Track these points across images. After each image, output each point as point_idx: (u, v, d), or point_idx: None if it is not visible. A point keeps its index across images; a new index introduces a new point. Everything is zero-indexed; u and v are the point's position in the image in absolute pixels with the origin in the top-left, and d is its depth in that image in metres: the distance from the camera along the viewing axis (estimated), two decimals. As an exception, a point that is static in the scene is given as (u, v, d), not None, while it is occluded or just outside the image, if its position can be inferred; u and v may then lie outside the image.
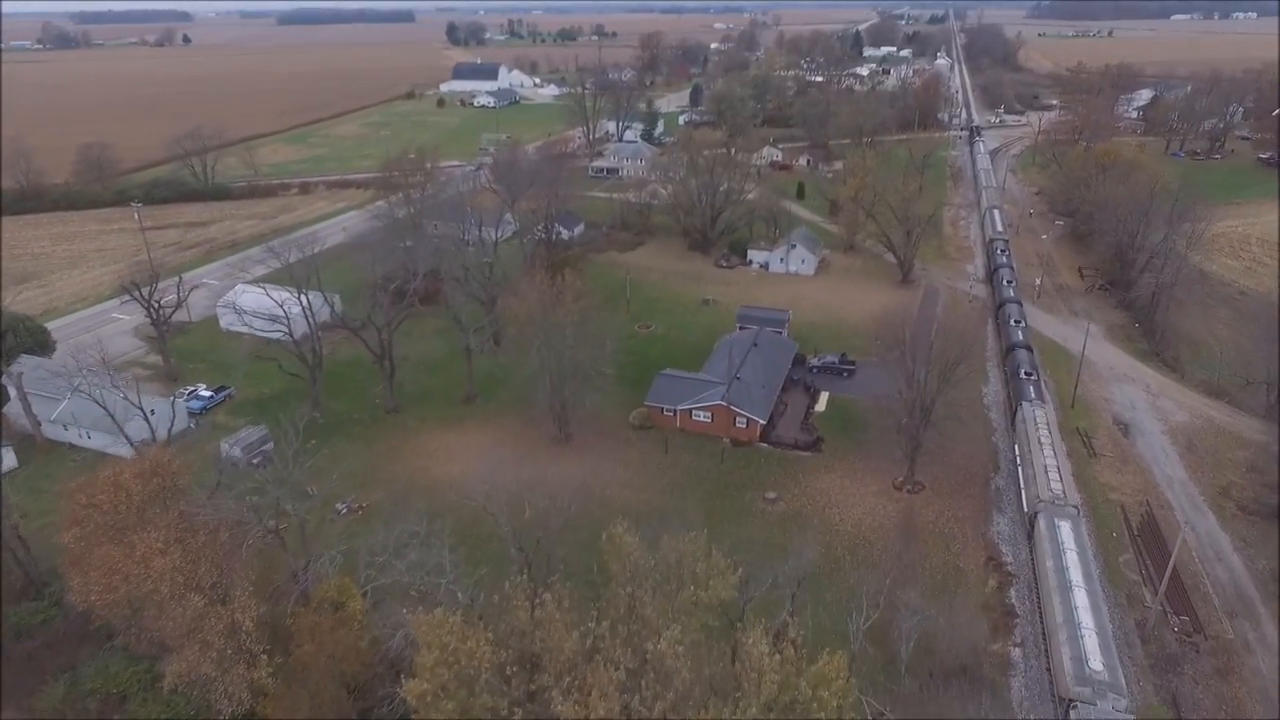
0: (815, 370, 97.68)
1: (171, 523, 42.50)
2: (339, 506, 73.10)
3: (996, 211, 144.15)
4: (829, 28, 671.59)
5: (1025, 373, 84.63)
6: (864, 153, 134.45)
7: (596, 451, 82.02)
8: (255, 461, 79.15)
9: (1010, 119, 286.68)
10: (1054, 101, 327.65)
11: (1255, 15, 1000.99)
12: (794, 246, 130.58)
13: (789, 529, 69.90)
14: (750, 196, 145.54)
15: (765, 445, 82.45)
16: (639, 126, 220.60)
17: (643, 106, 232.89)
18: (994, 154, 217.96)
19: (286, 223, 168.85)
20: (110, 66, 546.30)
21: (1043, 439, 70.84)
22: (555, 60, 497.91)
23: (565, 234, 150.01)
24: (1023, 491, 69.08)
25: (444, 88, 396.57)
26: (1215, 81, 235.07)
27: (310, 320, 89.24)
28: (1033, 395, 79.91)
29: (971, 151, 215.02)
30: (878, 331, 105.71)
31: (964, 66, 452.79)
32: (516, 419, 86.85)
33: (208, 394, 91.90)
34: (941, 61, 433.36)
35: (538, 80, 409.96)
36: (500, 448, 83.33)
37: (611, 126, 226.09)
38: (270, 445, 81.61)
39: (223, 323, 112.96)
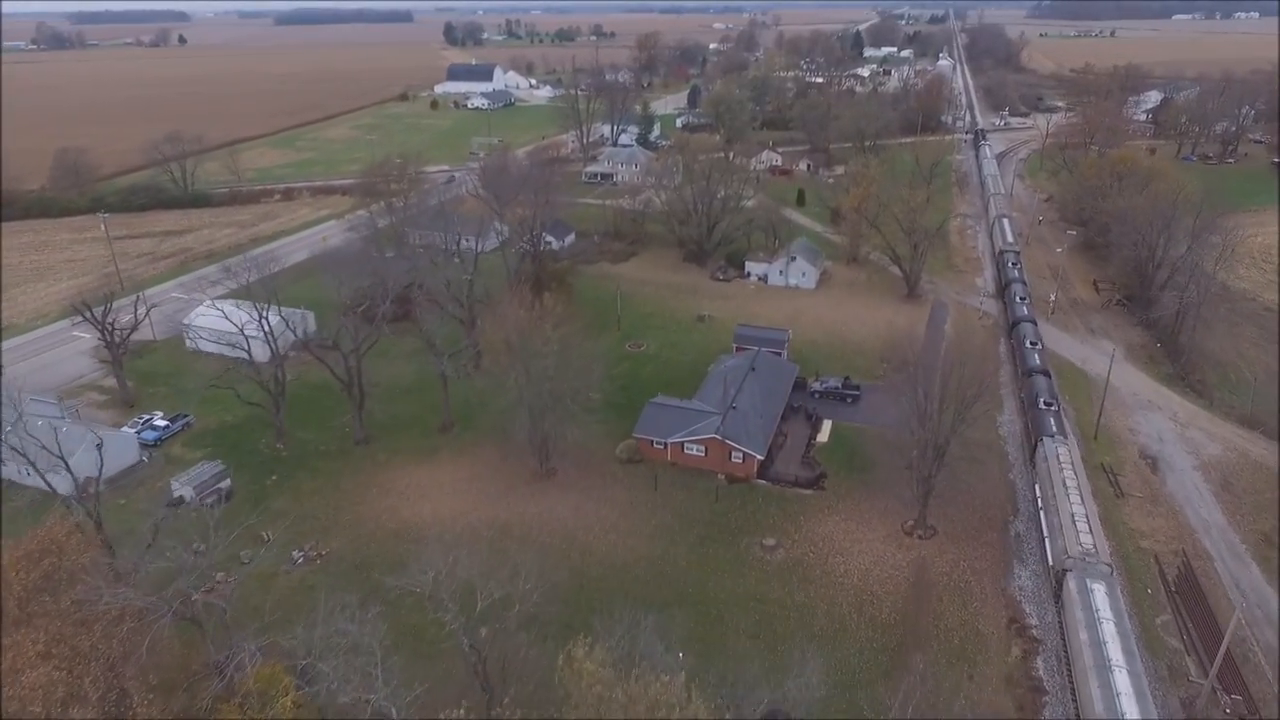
0: (817, 395, 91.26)
1: (64, 612, 36.02)
2: (295, 554, 66.60)
3: (1006, 221, 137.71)
4: (829, 28, 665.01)
5: (1045, 402, 78.20)
6: (867, 160, 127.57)
7: (580, 488, 75.58)
8: (209, 502, 72.65)
9: (1015, 121, 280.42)
10: (1059, 103, 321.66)
11: (1257, 15, 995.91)
12: (794, 259, 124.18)
13: (789, 581, 63.50)
14: (749, 204, 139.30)
15: (763, 482, 76.02)
16: (634, 130, 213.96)
17: (638, 109, 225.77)
18: (1000, 158, 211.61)
19: (266, 231, 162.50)
20: (103, 67, 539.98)
21: (1067, 481, 64.41)
22: (552, 61, 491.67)
23: (555, 244, 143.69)
24: (1047, 542, 62.65)
25: (438, 89, 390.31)
26: (1227, 83, 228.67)
27: (272, 344, 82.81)
28: (1054, 429, 73.49)
29: (977, 156, 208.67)
30: (884, 354, 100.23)
31: (966, 67, 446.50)
32: (495, 451, 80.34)
33: (163, 423, 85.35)
34: (944, 62, 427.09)
35: (534, 81, 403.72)
36: (476, 484, 76.93)
37: (607, 130, 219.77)
38: (227, 483, 75.25)
39: (189, 342, 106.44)
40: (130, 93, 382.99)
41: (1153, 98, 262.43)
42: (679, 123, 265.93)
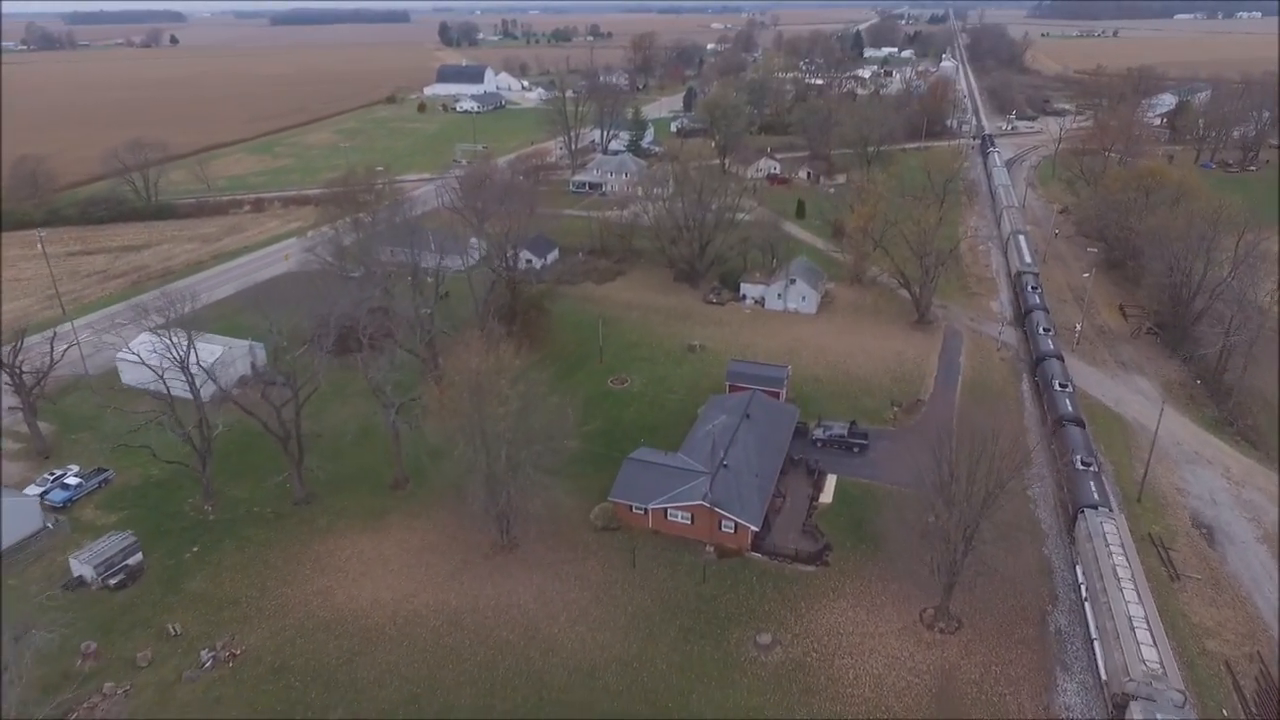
0: (819, 444, 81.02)
1: None
2: (204, 655, 56.28)
3: (1022, 238, 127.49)
4: (828, 28, 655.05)
5: (1082, 461, 68.02)
6: (872, 174, 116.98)
7: (546, 564, 65.31)
8: (113, 582, 62.51)
9: (1022, 125, 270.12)
10: (1067, 106, 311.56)
11: (1259, 15, 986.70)
12: (793, 281, 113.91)
13: (788, 691, 53.31)
14: (746, 217, 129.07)
15: (758, 555, 65.81)
16: (625, 135, 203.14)
17: (629, 113, 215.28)
18: (1009, 165, 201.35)
19: (230, 247, 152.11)
20: (89, 68, 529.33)
21: (1118, 568, 54.26)
22: (546, 62, 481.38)
23: (535, 262, 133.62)
24: (1098, 649, 52.46)
25: (428, 91, 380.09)
26: (1245, 85, 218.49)
27: (193, 389, 72.22)
28: (1095, 496, 63.32)
29: (986, 164, 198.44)
30: (894, 395, 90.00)
31: (969, 69, 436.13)
32: (452, 514, 69.87)
33: (76, 481, 75.00)
34: (947, 64, 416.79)
35: (526, 83, 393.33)
36: (427, 557, 66.67)
37: (598, 136, 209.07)
38: (137, 558, 64.94)
39: (125, 377, 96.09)
40: (111, 95, 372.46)
41: (1166, 101, 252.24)
42: (674, 127, 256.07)
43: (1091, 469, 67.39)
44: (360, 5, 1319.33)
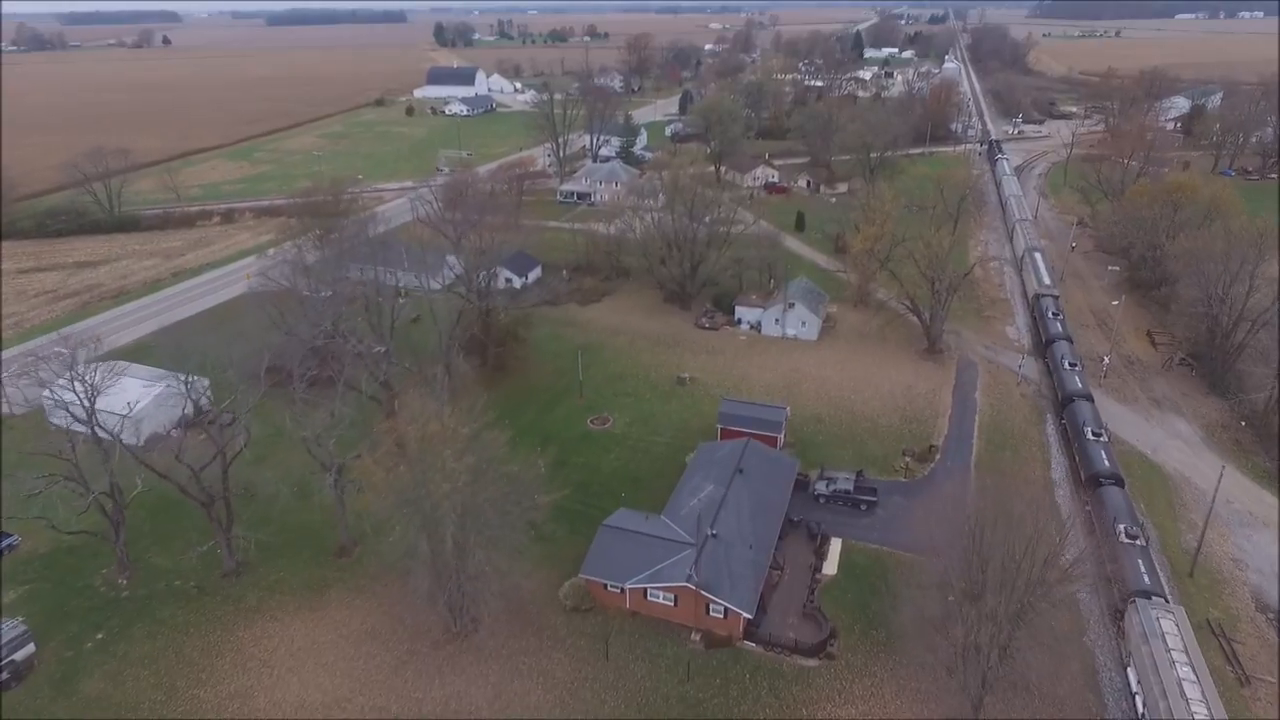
0: (822, 499, 71.86)
1: None
2: (88, 784, 47.13)
3: (1039, 256, 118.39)
4: (827, 28, 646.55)
5: (1127, 533, 58.88)
6: (875, 184, 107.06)
7: (505, 656, 56.11)
8: (-4, 681, 53.30)
9: (1029, 129, 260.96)
10: (1073, 109, 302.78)
11: (1261, 14, 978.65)
12: (792, 305, 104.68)
13: (787, 835, 44.12)
14: (741, 229, 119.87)
15: (752, 646, 56.67)
16: (615, 141, 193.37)
17: (620, 118, 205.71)
18: (1018, 172, 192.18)
19: (193, 263, 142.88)
20: (76, 70, 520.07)
21: (1184, 684, 45.12)
22: (541, 63, 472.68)
23: (515, 281, 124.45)
24: (1163, 787, 43.30)
25: (418, 93, 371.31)
26: (1263, 89, 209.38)
27: (95, 433, 62.72)
28: (1145, 579, 54.24)
29: (994, 171, 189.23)
30: (905, 442, 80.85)
31: (971, 70, 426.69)
32: (401, 590, 60.59)
33: (-26, 549, 65.88)
34: (950, 65, 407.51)
35: (518, 85, 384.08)
36: (368, 646, 57.46)
37: (590, 141, 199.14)
38: (27, 651, 55.72)
39: (53, 418, 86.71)
40: (93, 98, 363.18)
41: (1179, 104, 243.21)
42: (669, 131, 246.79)
43: (1138, 542, 58.24)
44: (358, 5, 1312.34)
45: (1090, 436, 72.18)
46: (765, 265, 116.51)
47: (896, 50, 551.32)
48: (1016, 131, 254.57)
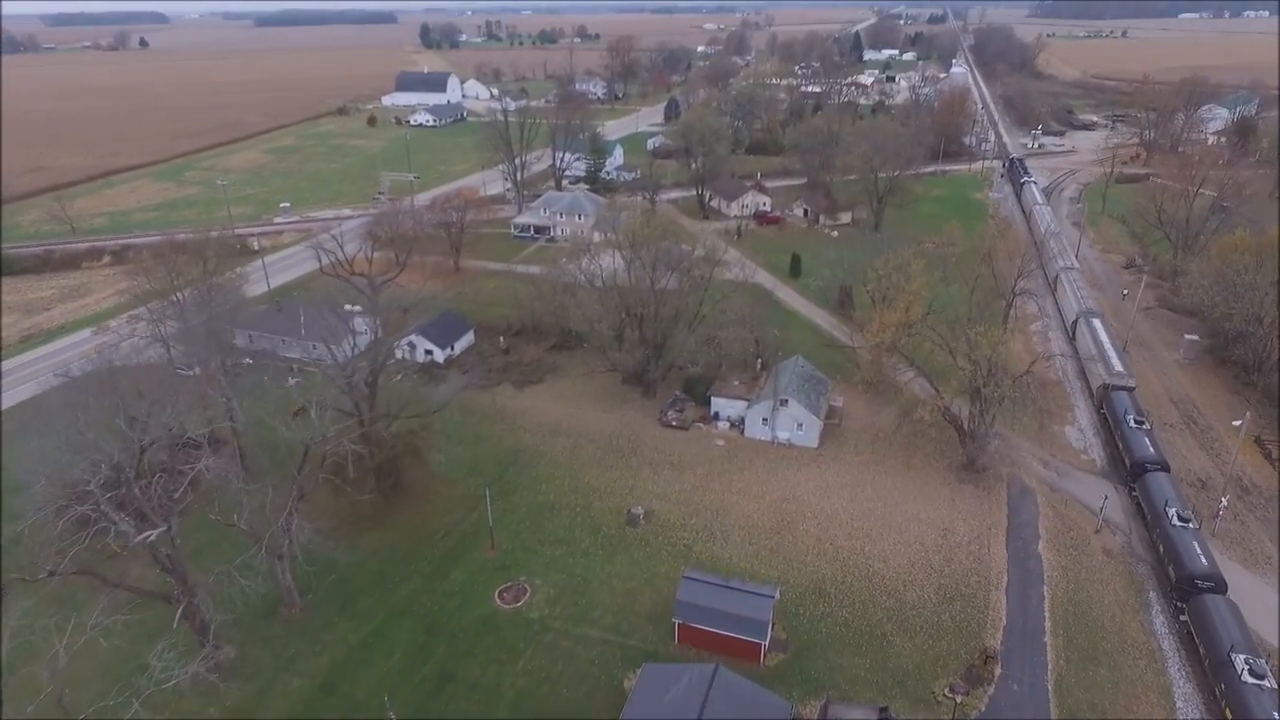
0: (828, 768, 46.56)
1: None
2: None
3: (1099, 325, 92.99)
4: (825, 28, 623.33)
5: None
6: (903, 263, 79.30)
7: None
8: None
9: (1049, 141, 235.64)
10: (1093, 117, 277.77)
11: (1267, 14, 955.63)
12: (785, 402, 79.22)
13: None
14: (726, 274, 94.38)
15: None
16: (578, 161, 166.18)
17: (592, 133, 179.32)
18: (1045, 195, 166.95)
19: (58, 319, 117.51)
20: (35, 75, 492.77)
21: None
22: (523, 66, 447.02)
23: (437, 354, 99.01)
24: None
25: (386, 100, 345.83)
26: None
27: None
28: None
29: (1021, 200, 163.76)
30: (946, 650, 55.32)
31: (978, 75, 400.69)
32: None
33: None
34: (958, 70, 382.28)
35: (494, 91, 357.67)
36: None
37: (553, 160, 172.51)
38: None
39: None
40: (30, 106, 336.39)
41: (1219, 115, 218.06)
42: (651, 145, 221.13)
43: None
44: (349, 6, 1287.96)
45: (1248, 678, 46.58)
46: (751, 331, 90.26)
47: (897, 52, 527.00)
48: (1036, 145, 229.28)
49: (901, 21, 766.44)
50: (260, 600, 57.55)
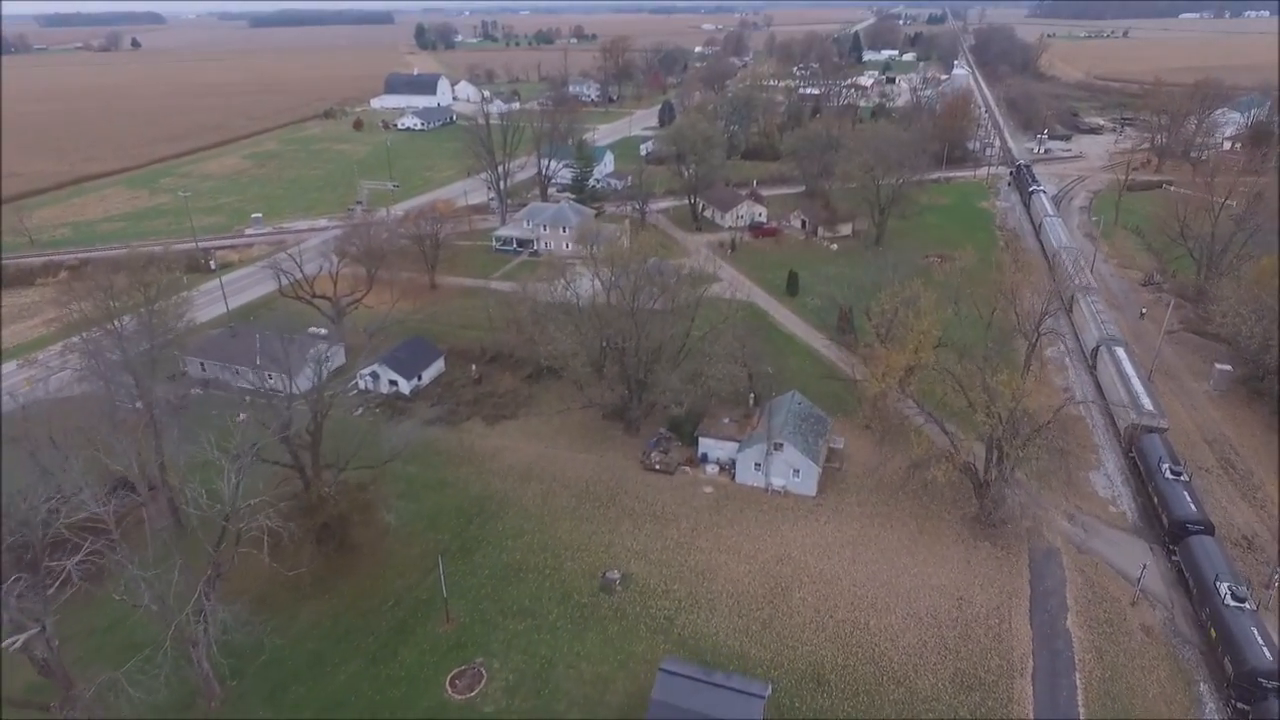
0: None
1: None
2: None
3: (1123, 355, 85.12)
4: (823, 28, 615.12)
5: None
6: (912, 294, 71.19)
7: None
8: None
9: (1055, 146, 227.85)
10: (1099, 121, 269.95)
11: (1268, 14, 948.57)
12: (780, 447, 71.41)
13: None
14: (718, 292, 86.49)
15: None
16: (566, 168, 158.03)
17: (581, 138, 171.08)
18: (1055, 203, 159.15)
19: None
20: (23, 76, 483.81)
21: None
22: (517, 68, 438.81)
23: (403, 386, 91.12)
24: None
25: (374, 103, 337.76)
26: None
27: None
28: None
29: (1030, 210, 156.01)
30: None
31: (979, 76, 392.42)
32: None
33: None
34: (960, 71, 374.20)
35: (486, 94, 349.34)
36: None
37: (539, 167, 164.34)
38: None
39: None
40: (9, 109, 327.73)
41: (1231, 119, 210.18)
42: (644, 150, 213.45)
43: None
44: (346, 6, 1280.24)
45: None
46: (743, 364, 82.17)
47: (896, 53, 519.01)
48: (1042, 150, 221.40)
49: (901, 22, 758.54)
50: (177, 690, 49.90)
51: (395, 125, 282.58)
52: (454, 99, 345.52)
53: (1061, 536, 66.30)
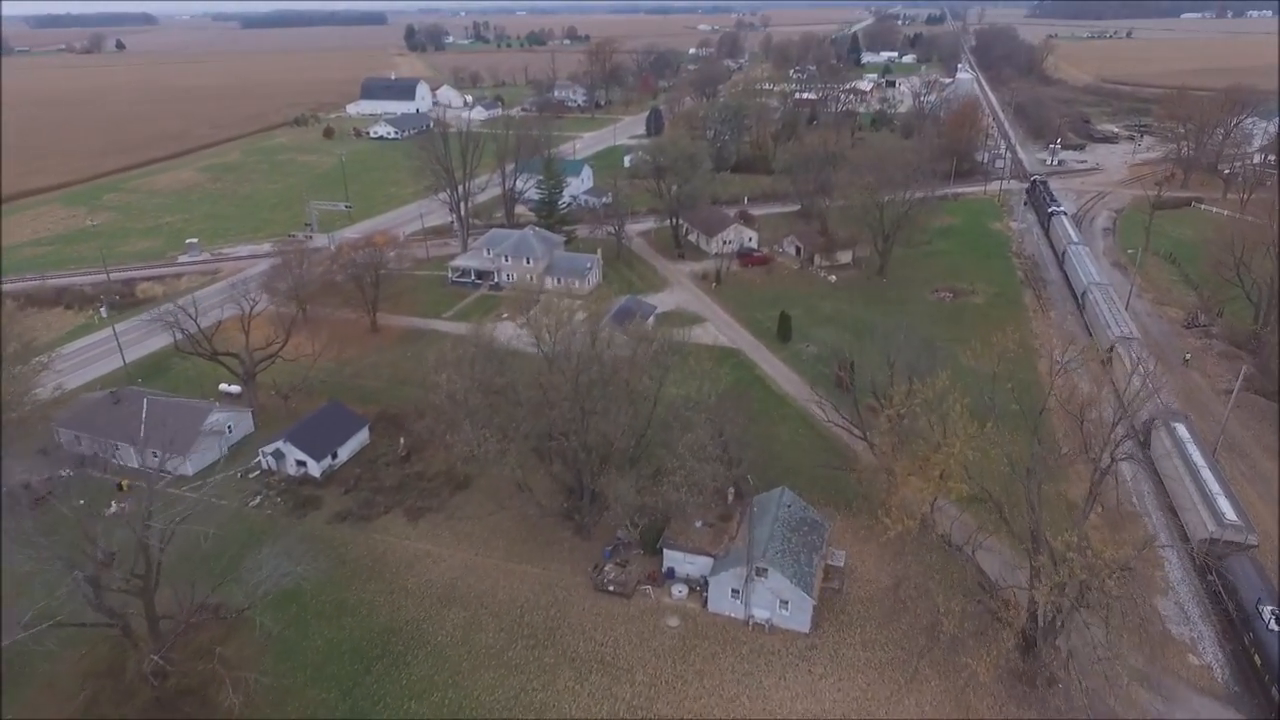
0: None
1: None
2: None
3: (1184, 432, 69.60)
4: (821, 29, 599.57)
5: None
6: (936, 391, 54.95)
7: None
8: None
9: (1070, 157, 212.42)
10: (1114, 129, 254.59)
11: (1269, 14, 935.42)
12: (764, 572, 55.82)
13: None
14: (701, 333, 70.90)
15: None
16: (536, 187, 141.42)
17: (549, 154, 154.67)
18: (1078, 224, 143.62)
19: None
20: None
21: None
22: (503, 70, 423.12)
23: (312, 468, 75.44)
24: None
25: (351, 109, 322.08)
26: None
27: None
28: None
29: (1050, 234, 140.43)
30: None
31: (983, 80, 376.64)
32: None
33: None
34: (964, 75, 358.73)
35: (468, 99, 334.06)
36: None
37: (520, 183, 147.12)
38: None
39: None
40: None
41: (1260, 128, 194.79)
42: (627, 161, 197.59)
43: None
44: (340, 7, 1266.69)
45: None
46: (723, 449, 66.29)
47: (896, 54, 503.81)
48: (1056, 162, 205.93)
49: (899, 22, 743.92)
50: None
51: (367, 133, 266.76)
52: (435, 104, 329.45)
53: (1134, 707, 50.65)
